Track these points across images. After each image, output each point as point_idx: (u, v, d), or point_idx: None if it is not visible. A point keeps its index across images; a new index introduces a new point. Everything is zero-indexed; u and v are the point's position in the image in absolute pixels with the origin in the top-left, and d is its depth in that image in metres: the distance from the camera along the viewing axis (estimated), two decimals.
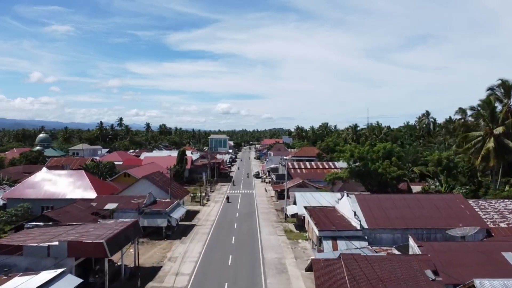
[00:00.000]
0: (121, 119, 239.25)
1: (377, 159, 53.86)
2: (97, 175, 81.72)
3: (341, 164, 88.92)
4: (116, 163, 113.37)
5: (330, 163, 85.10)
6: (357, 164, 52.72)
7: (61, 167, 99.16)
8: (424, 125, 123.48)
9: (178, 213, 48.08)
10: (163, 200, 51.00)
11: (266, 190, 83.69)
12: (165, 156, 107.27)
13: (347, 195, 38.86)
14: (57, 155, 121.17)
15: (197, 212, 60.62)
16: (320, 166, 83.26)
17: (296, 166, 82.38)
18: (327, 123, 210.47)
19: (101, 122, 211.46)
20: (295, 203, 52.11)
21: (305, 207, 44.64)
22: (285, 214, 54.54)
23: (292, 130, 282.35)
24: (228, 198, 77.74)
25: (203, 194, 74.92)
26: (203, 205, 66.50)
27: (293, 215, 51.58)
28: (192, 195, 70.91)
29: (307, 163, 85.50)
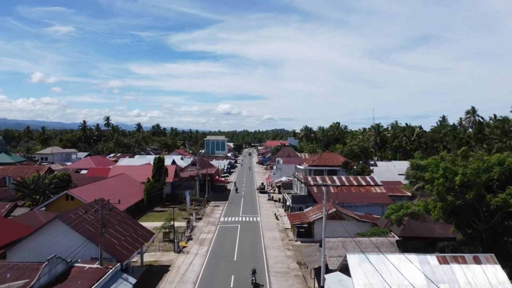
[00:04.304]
0: (107, 118, 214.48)
1: (490, 184, 28.97)
2: (38, 195, 57.35)
3: (381, 174, 63.71)
4: (83, 171, 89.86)
5: (368, 178, 59.79)
6: (466, 196, 27.46)
7: (2, 180, 75.32)
8: (472, 125, 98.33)
9: None
10: (88, 265, 26.02)
11: (276, 217, 58.48)
12: (142, 165, 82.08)
13: None
14: (10, 161, 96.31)
15: (166, 268, 35.63)
16: (354, 183, 57.74)
17: (320, 181, 56.57)
18: (339, 123, 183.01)
19: (84, 121, 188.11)
20: (343, 269, 27.24)
21: None
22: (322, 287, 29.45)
23: (297, 130, 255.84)
24: (237, 189, 59.22)
25: (185, 225, 50.12)
26: (179, 251, 41.16)
27: None
28: (164, 229, 45.67)
29: (335, 178, 59.82)
